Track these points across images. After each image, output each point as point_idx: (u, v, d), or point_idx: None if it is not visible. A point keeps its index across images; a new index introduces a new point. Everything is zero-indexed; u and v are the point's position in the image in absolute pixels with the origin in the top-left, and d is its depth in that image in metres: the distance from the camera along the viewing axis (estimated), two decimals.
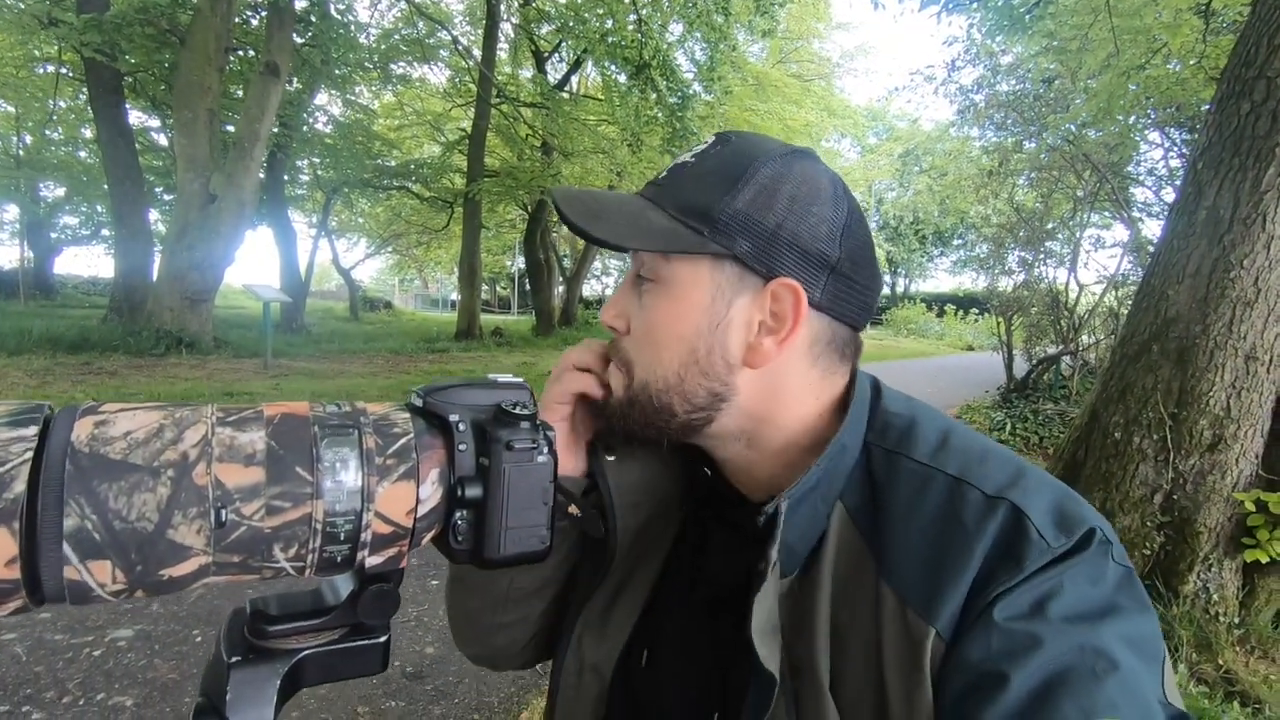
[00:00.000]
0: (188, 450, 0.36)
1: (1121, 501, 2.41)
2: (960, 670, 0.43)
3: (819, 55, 23.34)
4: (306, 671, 0.42)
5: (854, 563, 0.50)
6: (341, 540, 0.39)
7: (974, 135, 11.01)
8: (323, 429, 0.40)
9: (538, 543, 0.46)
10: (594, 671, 0.61)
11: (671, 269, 0.54)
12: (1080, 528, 0.45)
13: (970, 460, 0.51)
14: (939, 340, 25.99)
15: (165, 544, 0.35)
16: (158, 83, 12.74)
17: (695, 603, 0.60)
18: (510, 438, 0.44)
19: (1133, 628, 0.42)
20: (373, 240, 27.48)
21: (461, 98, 17.40)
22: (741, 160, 0.54)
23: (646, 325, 0.55)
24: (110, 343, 8.40)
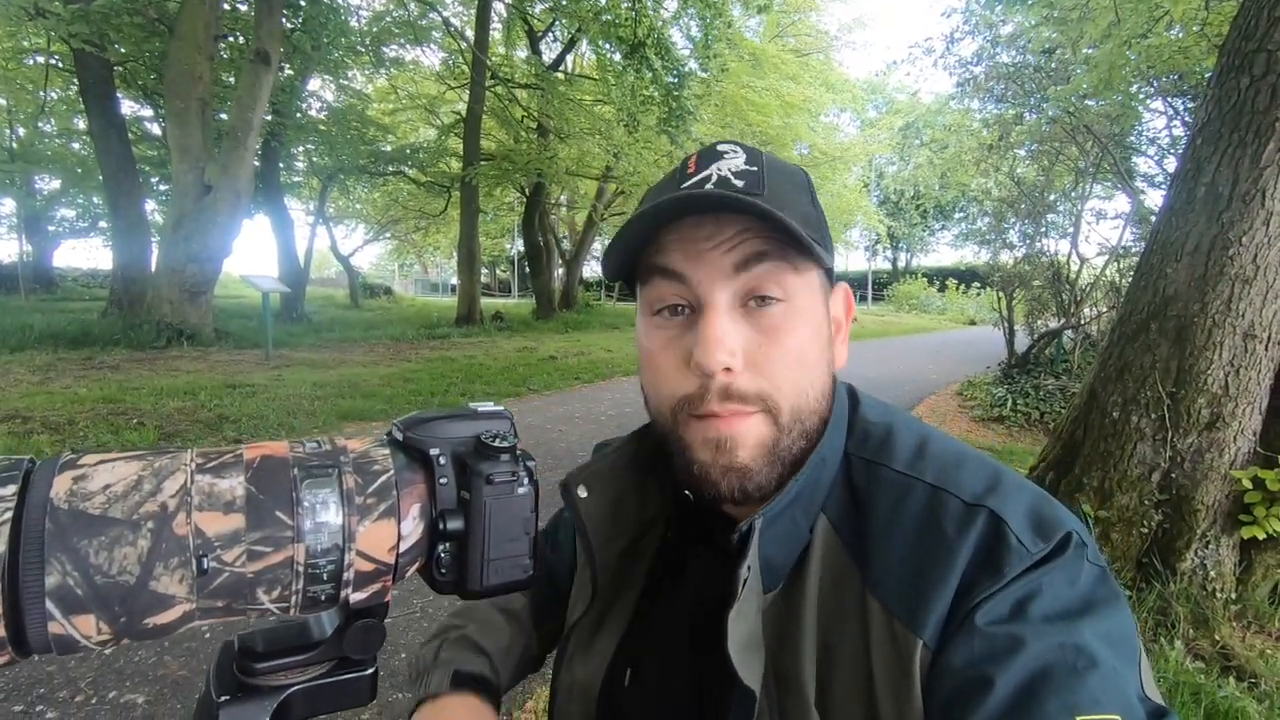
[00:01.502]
0: (167, 501, 0.36)
1: (1120, 480, 2.42)
2: (945, 676, 0.43)
3: (816, 29, 22.99)
4: (295, 707, 0.42)
5: (839, 575, 0.51)
6: (324, 580, 0.40)
7: (974, 108, 10.89)
8: (302, 470, 0.40)
9: (520, 572, 0.46)
10: (582, 690, 0.62)
11: (802, 283, 0.51)
12: (1058, 532, 0.46)
13: (947, 467, 0.51)
14: (940, 315, 25.92)
15: (148, 595, 0.35)
16: (148, 72, 12.61)
17: (677, 622, 0.61)
18: (490, 471, 0.45)
19: (1111, 625, 0.43)
20: (371, 226, 27.38)
21: (455, 80, 17.22)
22: (795, 172, 0.56)
23: (792, 349, 0.50)
24: (111, 337, 8.42)
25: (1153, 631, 2.18)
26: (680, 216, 0.52)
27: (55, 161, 18.05)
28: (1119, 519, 2.39)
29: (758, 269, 0.50)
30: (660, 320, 0.54)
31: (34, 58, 15.08)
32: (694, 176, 0.53)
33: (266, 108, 10.06)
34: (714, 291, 0.50)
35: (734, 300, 0.50)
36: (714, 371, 0.49)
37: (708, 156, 0.54)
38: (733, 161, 0.53)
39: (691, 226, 0.51)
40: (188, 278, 9.12)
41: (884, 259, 45.31)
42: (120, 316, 9.45)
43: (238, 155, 9.16)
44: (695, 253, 0.51)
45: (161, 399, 5.57)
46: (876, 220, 27.50)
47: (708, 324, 0.49)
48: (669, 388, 0.53)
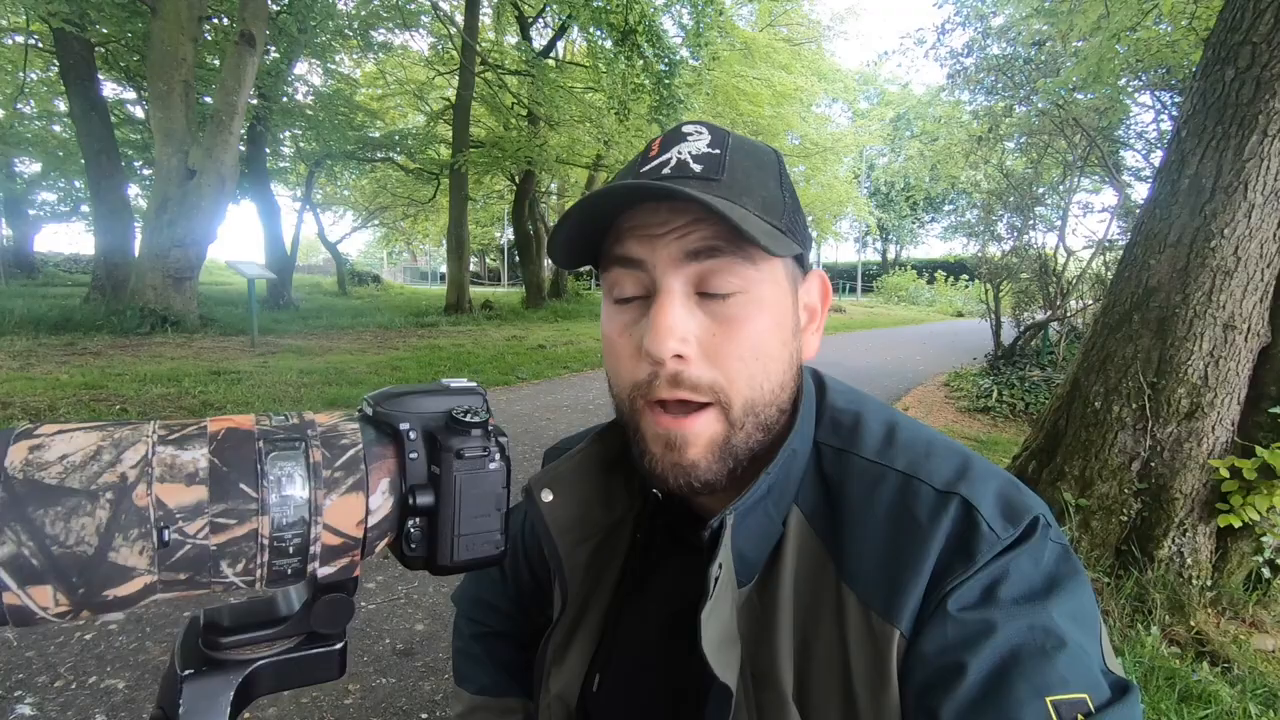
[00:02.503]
0: (127, 471, 0.36)
1: (1100, 469, 2.45)
2: (920, 664, 0.44)
3: (808, 18, 22.89)
4: (261, 681, 0.42)
5: (814, 567, 0.51)
6: (290, 554, 0.39)
7: (964, 99, 10.90)
8: (268, 443, 0.40)
9: (492, 548, 0.46)
10: (560, 701, 0.62)
11: (760, 273, 0.49)
12: (1026, 517, 0.47)
13: (918, 455, 0.51)
14: (929, 307, 26.07)
15: (107, 566, 0.35)
16: (131, 54, 12.39)
17: (649, 624, 0.60)
18: (461, 445, 0.44)
19: (1075, 603, 0.44)
20: (359, 213, 27.11)
21: (444, 65, 17.02)
22: (764, 153, 0.54)
23: (748, 339, 0.48)
24: (94, 323, 8.31)
25: (1130, 618, 2.22)
26: (631, 205, 0.50)
27: (36, 144, 17.69)
28: (1099, 507, 2.42)
29: (710, 262, 0.48)
30: (620, 307, 0.53)
31: (12, 37, 14.77)
32: (654, 160, 0.52)
33: (252, 91, 9.91)
34: (667, 278, 0.49)
35: (688, 287, 0.49)
36: (663, 359, 0.48)
37: (671, 139, 0.53)
38: (695, 144, 0.52)
39: (647, 213, 0.50)
40: (171, 263, 9.00)
41: (874, 251, 45.46)
42: (103, 302, 9.32)
43: (222, 139, 9.03)
44: (649, 239, 0.49)
45: (145, 385, 5.51)
46: (866, 212, 27.59)
47: (659, 311, 0.48)
48: (626, 374, 0.52)
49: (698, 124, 0.54)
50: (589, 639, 0.62)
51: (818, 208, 25.24)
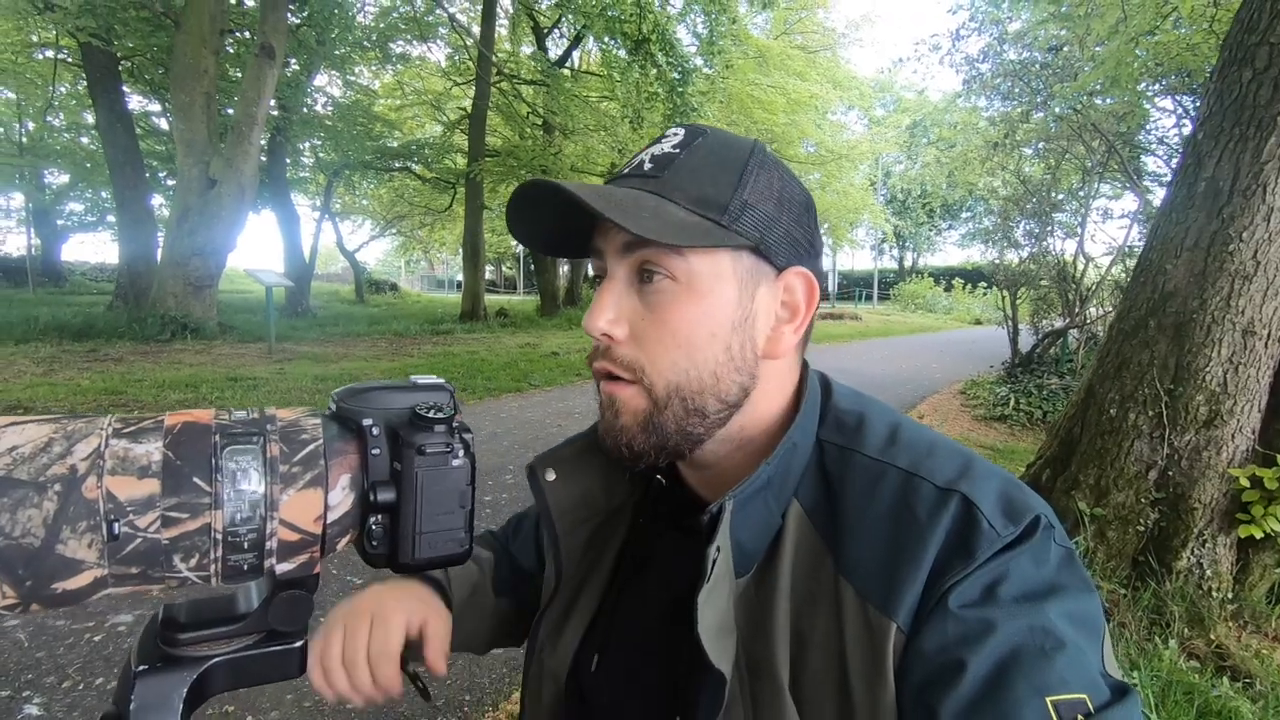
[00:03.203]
0: (77, 464, 0.36)
1: (1116, 478, 2.40)
2: (919, 660, 0.44)
3: (824, 26, 22.89)
4: (216, 678, 0.42)
5: (812, 560, 0.51)
6: (245, 549, 0.39)
7: (981, 106, 10.82)
8: (224, 437, 0.39)
9: (455, 546, 0.45)
10: (552, 678, 0.63)
11: (689, 264, 0.50)
12: (1027, 515, 0.47)
13: (919, 454, 0.52)
14: (946, 315, 25.83)
15: (55, 559, 0.34)
16: (155, 67, 12.66)
17: (648, 608, 0.61)
18: (423, 442, 0.44)
19: (1076, 605, 0.44)
20: (377, 222, 27.43)
21: (461, 76, 17.23)
22: (734, 151, 0.55)
23: (671, 326, 0.51)
24: (116, 330, 8.47)
25: (1147, 630, 2.16)
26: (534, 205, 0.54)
27: (64, 155, 18.16)
28: (1115, 517, 2.37)
29: (641, 251, 0.51)
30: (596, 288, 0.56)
31: (42, 52, 15.18)
32: (633, 161, 0.55)
33: (271, 102, 10.09)
34: (612, 264, 0.53)
35: (630, 274, 0.53)
36: (591, 335, 0.52)
37: (652, 141, 0.56)
38: (664, 145, 0.55)
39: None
40: (192, 271, 9.16)
41: (890, 258, 45.17)
42: (125, 310, 9.50)
43: (242, 150, 9.18)
44: (603, 230, 0.53)
45: (163, 391, 5.59)
46: (883, 219, 27.40)
47: (597, 294, 0.53)
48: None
49: (681, 127, 0.56)
50: (584, 620, 0.63)
51: (833, 215, 25.14)
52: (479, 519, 3.46)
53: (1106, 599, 2.26)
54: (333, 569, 2.69)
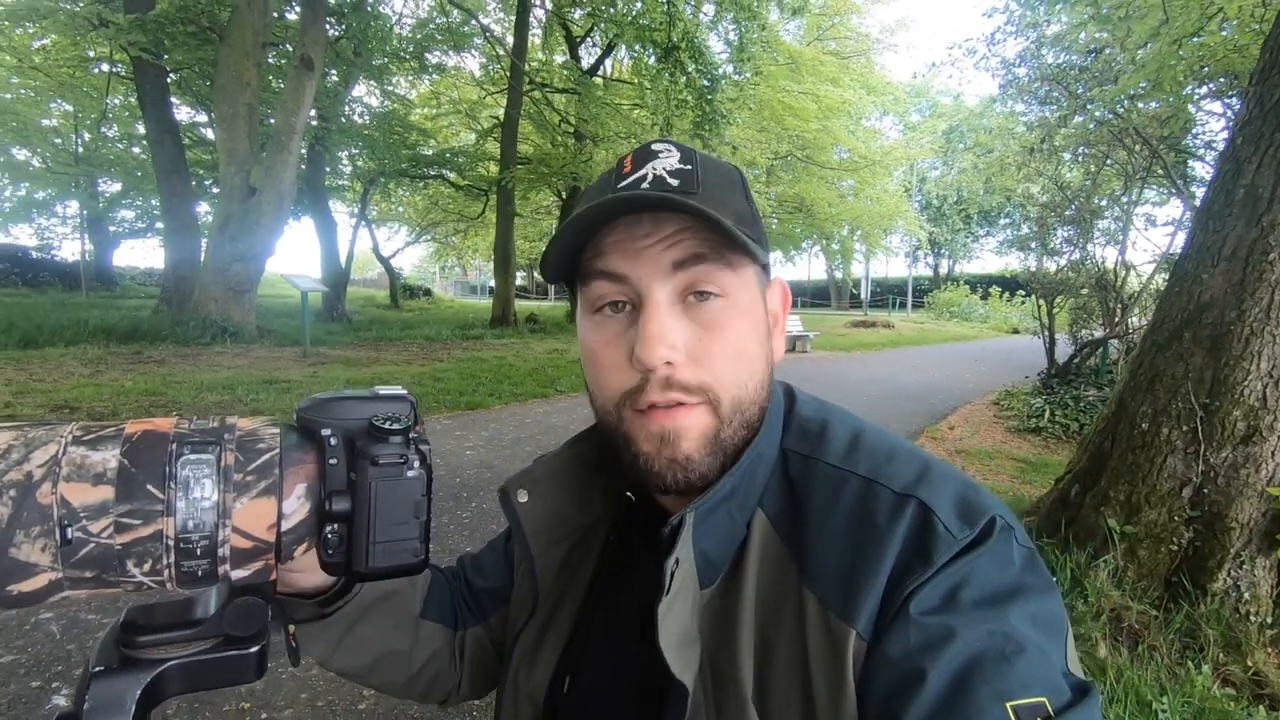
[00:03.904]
0: (33, 470, 0.37)
1: (1148, 495, 2.32)
2: (882, 669, 0.44)
3: (857, 31, 22.67)
4: (171, 681, 0.42)
5: (776, 570, 0.51)
6: (198, 555, 0.40)
7: (1019, 110, 10.59)
8: (181, 446, 0.40)
9: (410, 556, 0.46)
10: (529, 700, 0.62)
11: (740, 279, 0.52)
12: (982, 517, 0.47)
13: (879, 460, 0.52)
14: (982, 323, 25.28)
15: (8, 561, 0.36)
16: (202, 79, 13.13)
17: (620, 625, 0.61)
18: (377, 452, 0.45)
19: (1037, 606, 0.44)
20: (412, 229, 27.94)
21: (494, 85, 17.49)
22: (729, 168, 0.56)
23: (732, 343, 0.51)
24: (160, 332, 8.76)
25: (1179, 654, 2.08)
26: (618, 216, 0.52)
27: (116, 165, 18.91)
28: (1146, 535, 2.29)
29: (695, 269, 0.50)
30: (601, 318, 0.54)
31: (98, 66, 15.86)
32: (629, 176, 0.53)
33: (311, 112, 10.36)
34: (653, 288, 0.50)
35: (673, 296, 0.51)
36: (655, 366, 0.49)
37: (642, 156, 0.54)
38: (667, 161, 0.53)
39: (629, 226, 0.51)
40: (232, 276, 9.44)
41: (925, 265, 44.42)
42: (169, 313, 9.83)
43: (281, 158, 9.45)
44: (633, 251, 0.51)
45: (201, 393, 5.77)
46: (917, 225, 26.96)
47: (648, 320, 0.49)
48: (613, 384, 0.53)
49: (666, 142, 0.55)
50: (559, 639, 0.63)
51: (866, 221, 24.86)
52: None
53: (1136, 620, 2.18)
54: None
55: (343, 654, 0.63)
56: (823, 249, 34.70)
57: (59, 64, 15.50)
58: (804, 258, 40.74)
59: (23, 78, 16.33)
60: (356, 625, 0.63)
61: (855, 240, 30.31)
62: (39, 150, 18.56)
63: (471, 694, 0.75)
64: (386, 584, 0.66)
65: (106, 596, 0.40)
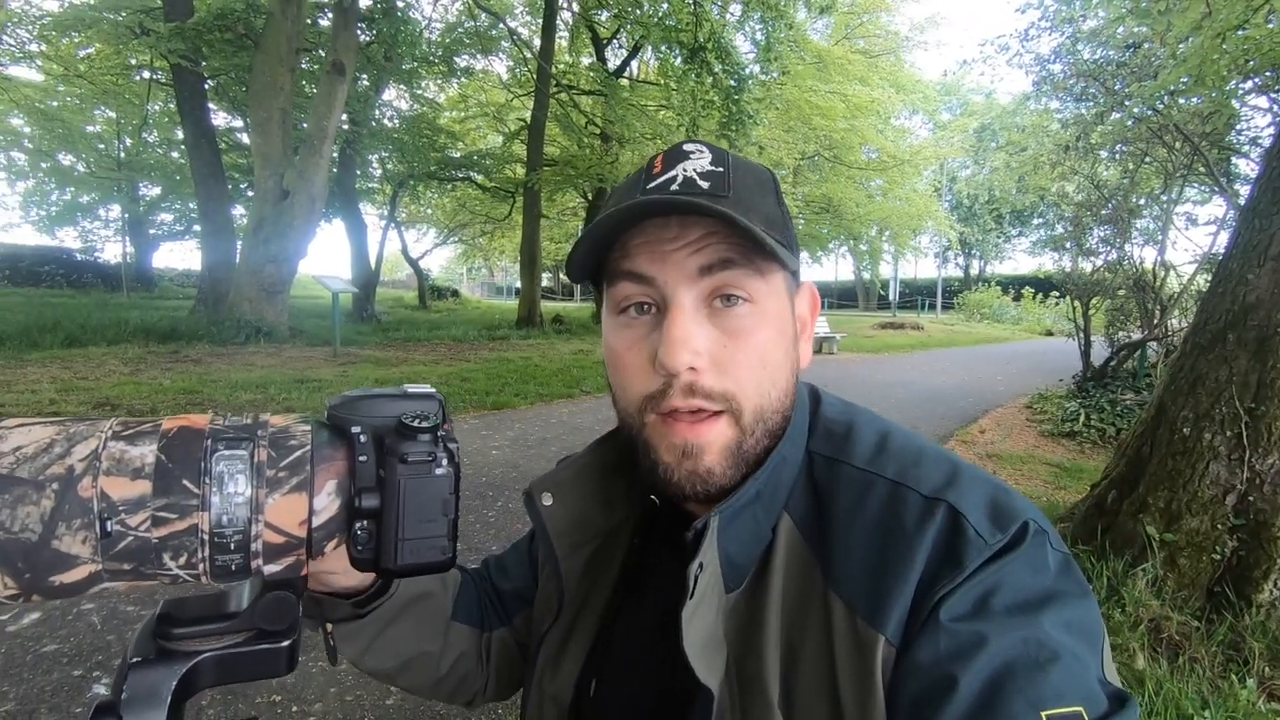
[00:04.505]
0: (75, 464, 0.38)
1: (1189, 502, 2.25)
2: (911, 676, 0.43)
3: (886, 29, 22.40)
4: (205, 673, 0.43)
5: (802, 574, 0.50)
6: (232, 550, 0.41)
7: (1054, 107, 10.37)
8: (216, 442, 0.41)
9: (438, 554, 0.46)
10: (553, 702, 0.63)
11: (768, 285, 0.51)
12: (1015, 522, 0.46)
13: (906, 463, 0.51)
14: (1015, 325, 24.79)
15: (50, 553, 0.37)
16: (238, 85, 13.45)
17: (644, 628, 0.60)
18: (406, 450, 0.45)
19: (1072, 613, 0.43)
20: (440, 230, 28.28)
21: (521, 88, 17.62)
22: (762, 171, 0.55)
23: (757, 350, 0.50)
24: (197, 332, 8.99)
25: (1222, 667, 2.01)
26: (646, 218, 0.51)
27: (156, 169, 19.48)
28: (1187, 543, 2.22)
29: (723, 274, 0.49)
30: (626, 319, 0.53)
31: (139, 74, 16.34)
32: (659, 177, 0.52)
33: (342, 116, 10.55)
34: (679, 292, 0.49)
35: (699, 301, 0.50)
36: (678, 371, 0.48)
37: (673, 157, 0.54)
38: (698, 162, 0.52)
39: (657, 228, 0.51)
40: (266, 278, 9.64)
41: (955, 266, 43.70)
42: (205, 313, 10.08)
43: (313, 162, 9.63)
44: (660, 254, 0.50)
45: (236, 391, 5.90)
46: (947, 226, 26.53)
47: (673, 324, 0.48)
48: (635, 386, 0.52)
49: (698, 142, 0.55)
50: (584, 642, 0.63)
51: (895, 222, 24.54)
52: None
53: (1177, 631, 2.12)
54: None
55: (374, 654, 0.64)
56: (850, 249, 34.34)
57: (103, 72, 16.01)
58: (831, 258, 40.39)
59: (69, 86, 16.91)
60: (390, 626, 0.64)
61: (884, 241, 29.95)
62: (83, 156, 19.19)
63: (497, 695, 0.76)
64: (420, 585, 0.67)
65: (144, 589, 0.41)
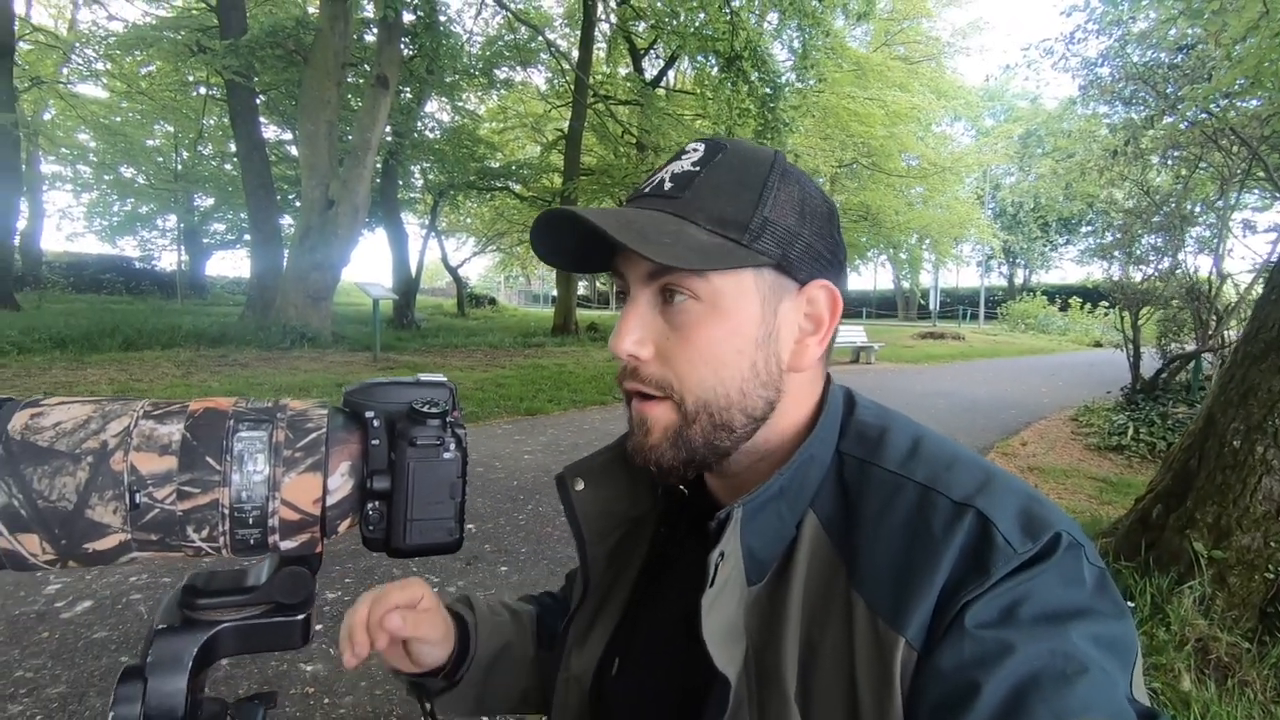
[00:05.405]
0: (108, 440, 0.41)
1: (1240, 518, 2.15)
2: (933, 681, 0.43)
3: (928, 35, 22.08)
4: (225, 642, 0.46)
5: (825, 572, 0.50)
6: (250, 525, 0.43)
7: (1102, 111, 10.07)
8: (238, 423, 0.44)
9: (445, 535, 0.48)
10: (576, 682, 0.64)
11: (712, 285, 0.51)
12: (1046, 532, 0.45)
13: (938, 467, 0.51)
14: (1062, 336, 24.04)
15: (85, 522, 0.40)
16: (287, 99, 13.94)
17: (666, 614, 0.62)
18: (415, 434, 0.47)
19: (1104, 628, 0.42)
20: (479, 239, 28.75)
21: (559, 99, 17.85)
22: (755, 166, 0.55)
23: (698, 345, 0.52)
24: (245, 337, 9.30)
25: (1275, 691, 1.92)
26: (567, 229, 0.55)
27: (210, 181, 20.29)
28: (1238, 561, 2.13)
29: (667, 276, 0.52)
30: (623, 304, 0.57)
31: (196, 89, 17.07)
32: (653, 178, 0.56)
33: (385, 128, 10.84)
34: (636, 288, 0.54)
35: (653, 297, 0.54)
36: (619, 356, 0.54)
37: (673, 156, 0.57)
38: (683, 162, 0.55)
39: None
40: (310, 285, 9.94)
41: (999, 275, 42.62)
42: (253, 319, 10.42)
43: (358, 172, 9.91)
44: (626, 253, 0.54)
45: (279, 394, 6.08)
46: (990, 234, 25.92)
47: (622, 316, 0.54)
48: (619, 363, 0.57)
49: (701, 141, 0.57)
50: (608, 626, 0.65)
51: (936, 230, 24.08)
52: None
53: (1226, 652, 2.02)
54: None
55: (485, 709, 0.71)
56: (890, 258, 33.79)
57: (162, 88, 16.78)
58: (870, 267, 39.77)
59: (131, 102, 17.78)
60: (483, 686, 0.70)
61: (924, 249, 29.40)
62: (143, 168, 20.11)
63: None
64: (498, 639, 0.73)
65: (171, 560, 0.43)
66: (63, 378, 6.27)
